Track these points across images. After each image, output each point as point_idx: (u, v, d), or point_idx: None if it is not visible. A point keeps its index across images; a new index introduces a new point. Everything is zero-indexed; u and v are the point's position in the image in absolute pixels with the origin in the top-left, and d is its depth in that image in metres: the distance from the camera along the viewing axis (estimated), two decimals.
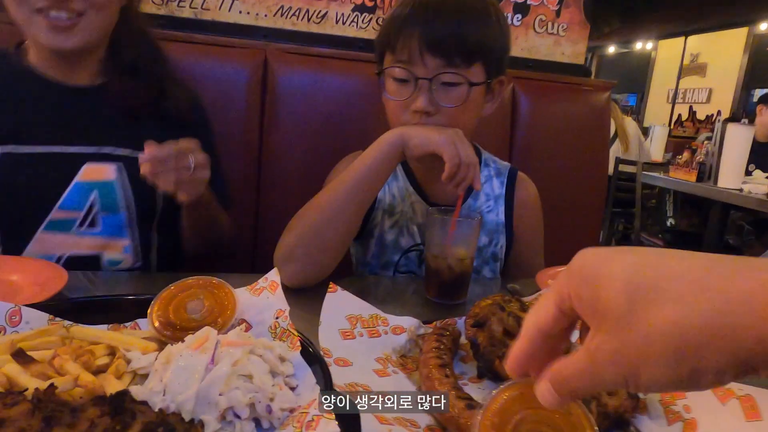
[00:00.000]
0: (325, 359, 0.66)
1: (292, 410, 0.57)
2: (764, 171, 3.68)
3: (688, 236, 3.93)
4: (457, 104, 1.03)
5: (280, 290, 0.76)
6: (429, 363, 0.68)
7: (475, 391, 0.69)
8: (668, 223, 4.17)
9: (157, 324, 0.66)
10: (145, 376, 0.58)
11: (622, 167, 4.44)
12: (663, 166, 4.25)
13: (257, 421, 0.55)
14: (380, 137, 1.04)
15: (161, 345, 0.63)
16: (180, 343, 0.59)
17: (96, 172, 1.05)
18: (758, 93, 6.82)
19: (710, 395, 0.56)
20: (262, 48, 1.52)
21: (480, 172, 0.97)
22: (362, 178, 1.02)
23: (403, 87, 1.04)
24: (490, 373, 0.71)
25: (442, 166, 0.98)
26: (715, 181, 3.44)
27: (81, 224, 1.05)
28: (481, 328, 0.73)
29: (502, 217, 1.24)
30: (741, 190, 3.29)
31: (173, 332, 0.65)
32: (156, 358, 0.58)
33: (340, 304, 0.78)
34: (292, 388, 0.61)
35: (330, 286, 0.79)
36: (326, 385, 0.58)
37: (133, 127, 1.08)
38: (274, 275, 0.79)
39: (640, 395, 0.64)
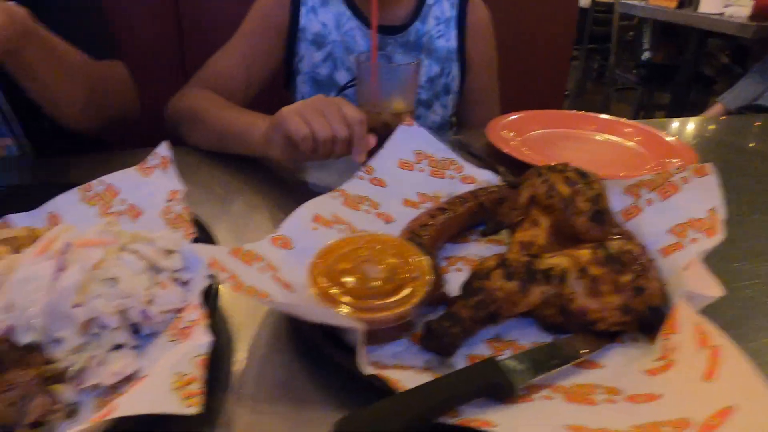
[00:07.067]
0: (365, 175, 0.70)
1: (179, 310, 0.48)
2: None
3: (662, 69, 3.75)
4: None
5: (172, 168, 0.64)
6: (433, 206, 0.64)
7: (473, 247, 0.65)
8: (644, 57, 3.96)
9: None
10: None
11: None
12: None
13: (137, 328, 0.47)
14: (254, 123, 0.85)
15: (16, 248, 0.52)
16: (28, 248, 0.48)
17: None
18: None
19: (692, 335, 0.43)
20: None
21: (362, 140, 0.73)
22: (228, 142, 0.90)
23: None
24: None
25: None
26: (696, 7, 3.18)
27: None
28: (514, 188, 0.65)
29: (454, 42, 1.12)
30: (722, 14, 3.06)
31: None
32: None
33: (411, 139, 0.74)
34: (184, 284, 0.53)
35: (407, 119, 0.76)
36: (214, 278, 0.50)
37: None
38: (165, 150, 0.66)
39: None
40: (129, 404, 0.31)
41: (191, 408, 0.32)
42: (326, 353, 0.45)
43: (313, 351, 0.49)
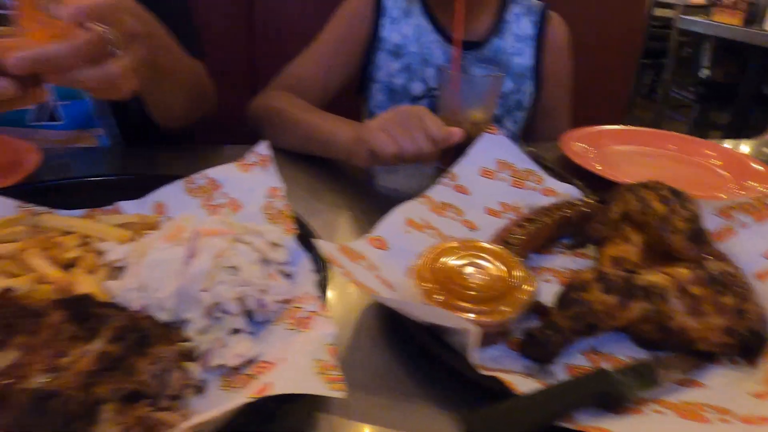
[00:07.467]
0: (449, 182, 0.71)
1: (287, 301, 0.51)
2: None
3: (722, 88, 3.64)
4: None
5: (272, 166, 0.68)
6: (517, 217, 0.66)
7: (559, 259, 0.65)
8: (702, 74, 3.85)
9: None
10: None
11: (659, 11, 3.99)
12: (704, 9, 3.79)
13: (250, 314, 0.50)
14: (338, 130, 0.89)
15: (138, 234, 0.56)
16: (154, 232, 0.52)
17: None
18: None
19: None
20: None
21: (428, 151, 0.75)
22: (310, 145, 0.93)
23: None
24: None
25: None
26: (762, 24, 3.07)
27: (39, 118, 0.93)
28: (604, 204, 0.66)
29: (530, 60, 1.13)
30: None
31: None
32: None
33: (494, 147, 0.76)
34: (288, 276, 0.56)
35: (490, 126, 0.78)
36: (321, 272, 0.52)
37: None
38: (264, 149, 0.69)
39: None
40: (283, 384, 0.34)
41: (337, 392, 0.34)
42: (433, 352, 0.47)
43: (410, 348, 0.51)
